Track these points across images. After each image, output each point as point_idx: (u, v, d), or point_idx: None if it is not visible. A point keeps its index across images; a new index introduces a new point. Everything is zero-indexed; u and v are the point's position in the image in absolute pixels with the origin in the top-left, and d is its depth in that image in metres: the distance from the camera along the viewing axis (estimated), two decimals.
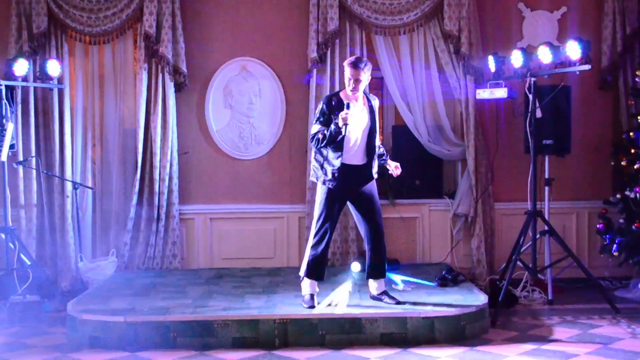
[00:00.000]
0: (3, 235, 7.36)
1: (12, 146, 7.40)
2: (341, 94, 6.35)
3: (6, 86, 7.40)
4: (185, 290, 7.06)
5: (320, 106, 6.33)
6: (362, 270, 7.35)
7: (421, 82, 8.30)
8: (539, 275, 7.44)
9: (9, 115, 7.37)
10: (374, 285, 6.53)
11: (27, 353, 5.90)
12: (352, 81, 6.20)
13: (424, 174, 8.50)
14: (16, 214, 7.89)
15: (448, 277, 7.20)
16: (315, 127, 6.28)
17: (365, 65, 6.24)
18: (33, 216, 8.07)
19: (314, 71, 8.14)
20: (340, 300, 6.53)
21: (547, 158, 7.58)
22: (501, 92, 7.48)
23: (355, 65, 6.20)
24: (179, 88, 8.23)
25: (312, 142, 6.31)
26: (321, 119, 6.25)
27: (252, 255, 8.36)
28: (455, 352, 5.78)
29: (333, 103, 6.26)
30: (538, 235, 7.29)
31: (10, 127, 7.25)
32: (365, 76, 6.25)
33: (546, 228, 7.34)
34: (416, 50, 8.30)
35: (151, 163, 8.18)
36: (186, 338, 5.95)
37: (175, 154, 8.21)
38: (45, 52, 8.06)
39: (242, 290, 7.07)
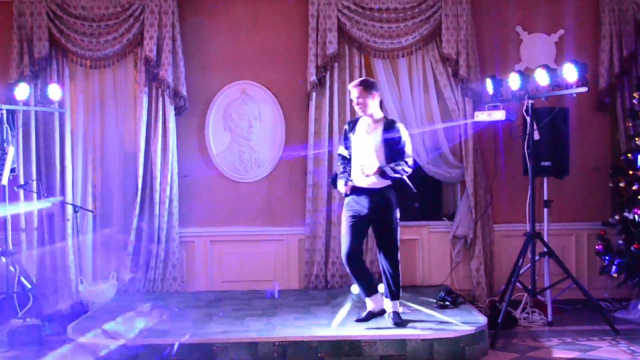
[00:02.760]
0: (4, 259, 7.36)
1: (13, 170, 7.43)
2: (361, 119, 6.57)
3: (7, 110, 7.46)
4: (185, 313, 7.06)
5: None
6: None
7: (420, 104, 8.34)
8: (539, 297, 7.43)
9: (10, 139, 7.42)
10: (388, 304, 6.57)
11: None
12: (354, 102, 6.48)
13: (424, 196, 8.51)
14: (17, 237, 7.90)
15: (448, 299, 7.20)
16: (339, 149, 6.71)
17: (365, 85, 6.41)
18: (33, 239, 8.08)
19: (314, 94, 8.20)
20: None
21: (545, 180, 7.59)
22: (499, 115, 7.51)
23: (355, 85, 6.45)
24: (179, 111, 8.27)
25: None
26: (342, 142, 6.69)
27: (252, 278, 8.35)
28: None
29: (348, 127, 6.60)
30: (537, 257, 7.30)
31: (11, 150, 7.29)
32: (362, 95, 6.37)
33: (545, 249, 7.34)
34: (415, 73, 8.35)
35: (151, 186, 8.20)
36: None
37: (175, 177, 8.23)
38: (47, 76, 8.13)
39: (242, 312, 7.08)
